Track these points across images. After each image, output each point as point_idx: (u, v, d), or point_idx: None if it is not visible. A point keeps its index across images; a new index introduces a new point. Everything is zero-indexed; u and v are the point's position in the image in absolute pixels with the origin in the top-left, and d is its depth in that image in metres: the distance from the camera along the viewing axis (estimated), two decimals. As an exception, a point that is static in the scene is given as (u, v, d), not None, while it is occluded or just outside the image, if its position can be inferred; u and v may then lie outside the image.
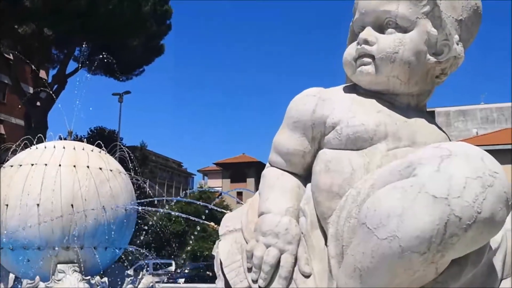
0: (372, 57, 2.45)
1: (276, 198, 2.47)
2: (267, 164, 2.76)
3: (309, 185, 2.51)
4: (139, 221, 7.68)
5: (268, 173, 2.67)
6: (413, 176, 1.76)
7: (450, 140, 2.46)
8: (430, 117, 2.63)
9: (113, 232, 6.21)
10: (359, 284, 1.82)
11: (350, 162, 2.27)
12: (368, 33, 2.46)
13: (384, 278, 1.76)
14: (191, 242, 32.95)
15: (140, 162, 11.73)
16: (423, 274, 1.73)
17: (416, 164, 1.79)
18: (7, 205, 5.94)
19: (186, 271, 27.34)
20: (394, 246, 1.68)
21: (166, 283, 15.72)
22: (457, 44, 2.45)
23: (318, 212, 2.37)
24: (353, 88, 2.62)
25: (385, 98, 2.50)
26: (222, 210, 3.92)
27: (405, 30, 2.42)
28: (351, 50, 2.57)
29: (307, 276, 2.26)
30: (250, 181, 54.89)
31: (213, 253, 2.61)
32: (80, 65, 24.92)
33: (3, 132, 36.97)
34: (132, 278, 6.48)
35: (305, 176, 2.59)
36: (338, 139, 2.35)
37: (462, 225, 1.64)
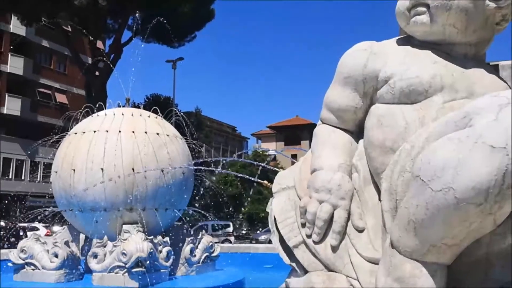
0: (427, 5, 2.35)
1: (329, 154, 2.47)
2: (319, 122, 2.75)
3: (361, 141, 2.50)
4: (196, 183, 7.92)
5: (320, 130, 2.66)
6: (469, 127, 1.71)
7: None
8: (492, 68, 2.51)
9: (172, 194, 6.45)
10: (413, 237, 1.81)
11: (404, 116, 2.23)
12: (422, -19, 2.35)
13: (439, 230, 1.74)
14: (247, 204, 33.66)
15: (195, 127, 11.98)
16: (480, 225, 1.70)
17: (473, 114, 1.73)
18: (74, 170, 6.28)
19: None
20: (449, 197, 1.65)
21: (223, 243, 16.21)
22: (520, -13, 2.30)
23: (371, 168, 2.36)
24: (407, 40, 2.53)
25: (441, 48, 2.40)
26: (276, 168, 3.96)
27: None
28: (404, 0, 2.47)
29: (360, 231, 2.28)
30: (305, 143, 54.73)
31: (267, 210, 2.67)
32: (134, 33, 25.40)
33: (66, 101, 38.76)
34: (192, 238, 6.74)
35: (357, 132, 2.57)
36: (391, 93, 2.30)
37: None
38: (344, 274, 2.22)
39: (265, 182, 4.15)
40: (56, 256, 6.01)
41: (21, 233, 15.84)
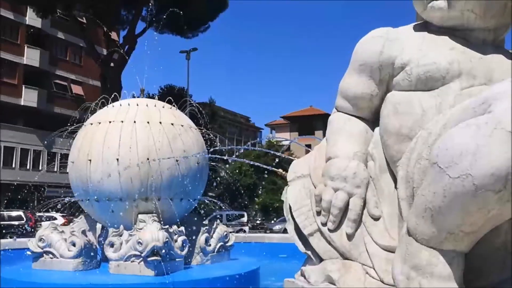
0: (444, -10, 2.30)
1: (344, 142, 2.46)
2: (334, 110, 2.73)
3: (377, 129, 2.47)
4: (211, 173, 7.94)
5: (335, 118, 2.64)
6: (488, 113, 1.68)
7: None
8: (511, 55, 2.45)
9: (187, 184, 6.48)
10: (430, 224, 1.79)
11: (421, 103, 2.20)
12: (440, -35, 2.31)
13: (457, 217, 1.72)
14: (261, 193, 33.77)
15: (209, 118, 12.01)
16: (498, 213, 1.67)
17: (492, 100, 1.70)
18: (90, 160, 6.35)
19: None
20: (467, 184, 1.63)
21: (237, 232, 16.30)
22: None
23: (387, 156, 2.34)
24: (424, 26, 2.49)
25: (459, 34, 2.36)
26: (291, 157, 3.94)
27: None
28: (421, -15, 2.42)
29: (376, 219, 2.26)
30: (318, 133, 54.44)
31: (282, 198, 2.67)
32: (148, 24, 25.48)
33: (81, 93, 39.14)
34: (207, 227, 6.77)
35: (373, 120, 2.55)
36: (408, 80, 2.27)
37: None
38: (360, 262, 2.21)
39: (280, 170, 4.15)
40: (74, 245, 6.10)
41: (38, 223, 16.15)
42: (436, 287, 1.76)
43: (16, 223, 20.16)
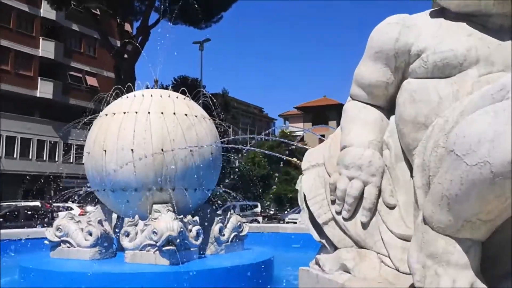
0: (462, -24, 2.26)
1: (359, 131, 2.44)
2: (348, 98, 2.71)
3: (392, 117, 2.45)
4: (225, 164, 7.97)
5: (350, 106, 2.62)
6: (506, 99, 1.65)
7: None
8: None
9: (201, 175, 6.51)
10: (446, 212, 1.77)
11: (437, 91, 2.17)
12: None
13: (474, 206, 1.70)
14: (275, 183, 33.79)
15: (222, 109, 12.01)
16: (516, 201, 1.65)
17: (510, 86, 1.67)
18: (105, 150, 6.40)
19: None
20: (485, 172, 1.60)
21: (251, 223, 16.38)
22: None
23: (402, 144, 2.32)
24: (441, 13, 2.44)
25: (476, 20, 2.31)
26: (305, 146, 3.94)
27: None
28: (437, -29, 2.38)
29: (391, 208, 2.25)
30: (332, 124, 54.20)
31: (297, 187, 2.67)
32: (161, 15, 25.48)
33: (96, 84, 39.44)
34: (221, 217, 6.81)
35: (388, 108, 2.52)
36: (424, 67, 2.23)
37: None
38: (375, 251, 2.21)
39: (294, 159, 4.14)
40: (90, 234, 6.18)
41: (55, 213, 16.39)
42: (452, 275, 1.74)
43: (33, 213, 20.53)
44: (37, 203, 21.53)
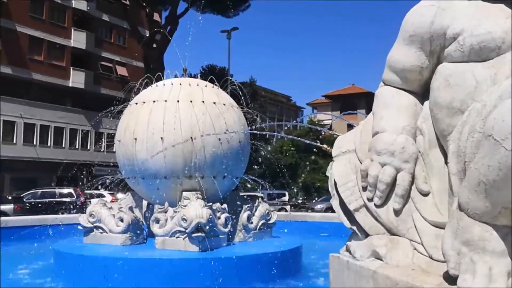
0: (500, -45, 2.17)
1: (392, 116, 2.39)
2: (381, 83, 2.65)
3: (426, 102, 2.39)
4: (252, 153, 7.98)
5: (382, 92, 2.57)
6: (548, 82, 1.58)
7: None
8: None
9: (229, 163, 6.55)
10: (483, 198, 1.72)
11: (474, 75, 2.10)
12: None
13: (512, 192, 1.65)
14: (303, 172, 33.70)
15: (250, 97, 11.99)
16: (557, 186, 1.59)
17: (552, 69, 1.60)
18: (135, 139, 6.50)
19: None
20: (525, 157, 1.55)
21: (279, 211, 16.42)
22: None
23: (436, 130, 2.26)
24: (478, -6, 2.36)
25: (515, 2, 2.23)
26: (335, 133, 3.91)
27: None
28: (475, -50, 2.30)
29: (425, 195, 2.20)
30: (361, 112, 53.57)
31: (327, 174, 2.64)
32: (189, 4, 25.55)
33: (126, 74, 40.00)
34: (249, 205, 6.84)
35: (422, 93, 2.46)
36: (460, 50, 2.16)
37: None
38: (407, 238, 2.17)
39: (325, 146, 4.11)
40: (122, 220, 6.30)
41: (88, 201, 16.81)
42: (488, 262, 1.70)
43: (67, 199, 21.14)
44: (70, 190, 22.12)
